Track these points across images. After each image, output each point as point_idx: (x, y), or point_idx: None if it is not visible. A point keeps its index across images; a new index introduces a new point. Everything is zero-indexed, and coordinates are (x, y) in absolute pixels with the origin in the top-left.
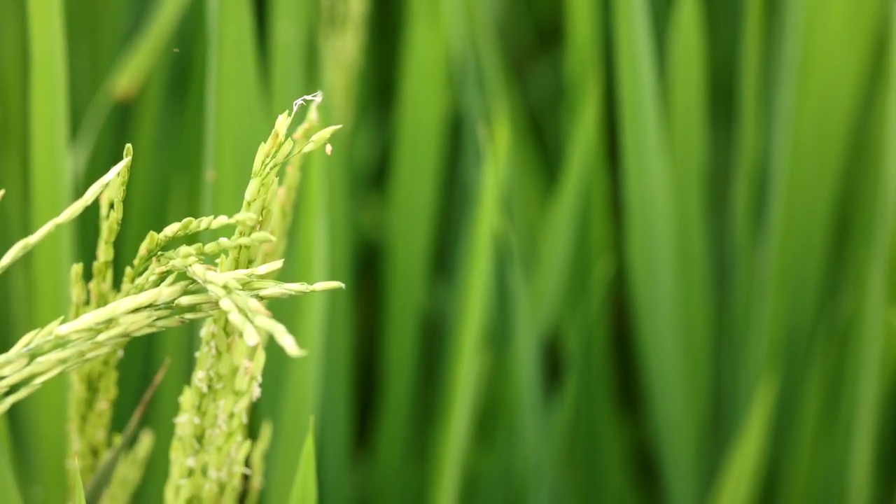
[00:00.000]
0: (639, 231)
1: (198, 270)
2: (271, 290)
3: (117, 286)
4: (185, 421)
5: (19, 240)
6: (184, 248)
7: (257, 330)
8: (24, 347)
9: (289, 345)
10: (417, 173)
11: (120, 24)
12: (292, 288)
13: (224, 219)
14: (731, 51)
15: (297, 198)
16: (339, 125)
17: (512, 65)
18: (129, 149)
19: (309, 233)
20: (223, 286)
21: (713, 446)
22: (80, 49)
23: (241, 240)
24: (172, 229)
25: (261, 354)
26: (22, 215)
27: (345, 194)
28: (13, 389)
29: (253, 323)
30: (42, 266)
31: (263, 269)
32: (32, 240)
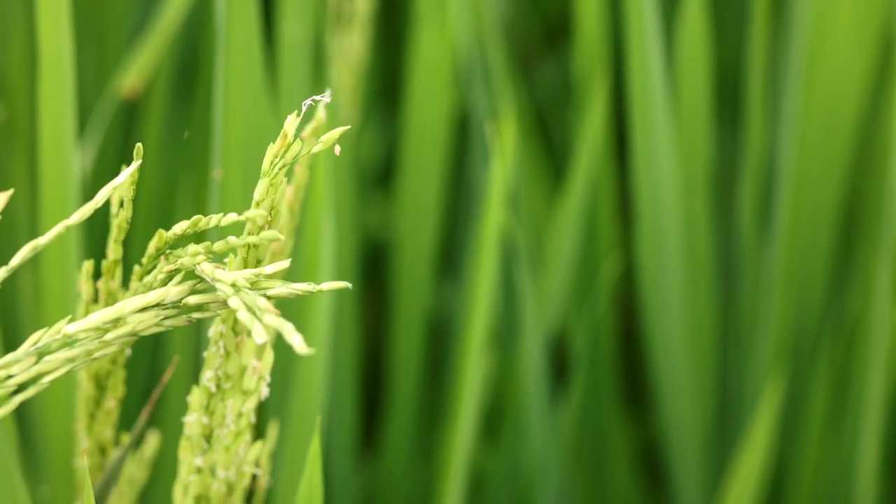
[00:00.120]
0: (647, 229)
1: (206, 269)
2: (279, 289)
3: (125, 284)
4: (193, 420)
5: (27, 238)
6: (192, 247)
7: (266, 328)
8: (33, 346)
9: (297, 343)
10: (424, 172)
11: (126, 21)
12: (300, 287)
13: (233, 216)
14: (738, 50)
15: (303, 196)
16: (349, 126)
17: (518, 62)
18: (140, 149)
19: (315, 232)
20: (232, 285)
21: (720, 445)
22: (87, 47)
23: (250, 238)
24: (181, 227)
25: (269, 354)
26: (29, 213)
27: (351, 193)
28: (21, 388)
29: (262, 321)
30: (49, 264)
31: (271, 268)
32: (42, 241)
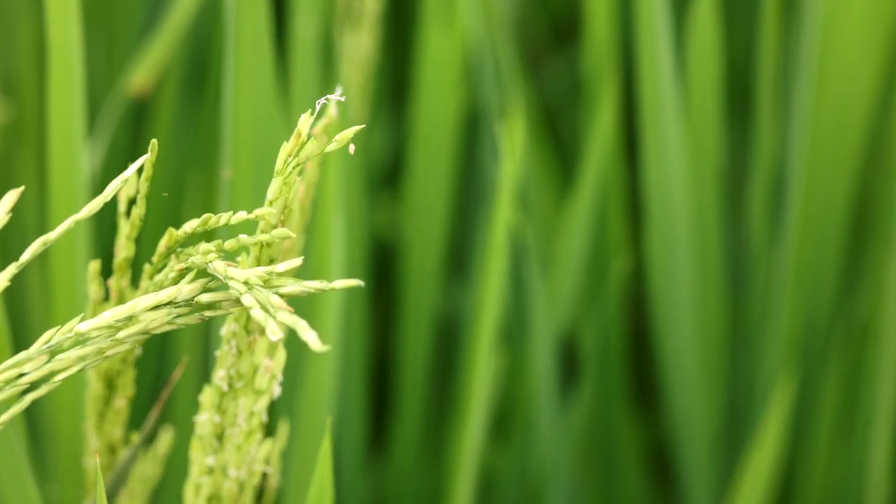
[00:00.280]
0: (657, 228)
1: (219, 267)
2: (291, 287)
3: (133, 283)
4: (205, 419)
5: (36, 236)
6: (203, 245)
7: (280, 326)
8: (45, 345)
9: (312, 340)
10: (432, 170)
11: (136, 19)
12: (312, 285)
13: (243, 214)
14: (749, 48)
15: (314, 194)
16: (362, 125)
17: (527, 61)
18: (155, 144)
19: (326, 230)
20: (244, 282)
21: (730, 445)
22: (96, 44)
23: (262, 236)
24: (191, 226)
25: (282, 353)
26: (38, 212)
27: (361, 191)
28: (33, 387)
29: (275, 319)
30: (58, 262)
31: (283, 266)
32: (52, 236)
